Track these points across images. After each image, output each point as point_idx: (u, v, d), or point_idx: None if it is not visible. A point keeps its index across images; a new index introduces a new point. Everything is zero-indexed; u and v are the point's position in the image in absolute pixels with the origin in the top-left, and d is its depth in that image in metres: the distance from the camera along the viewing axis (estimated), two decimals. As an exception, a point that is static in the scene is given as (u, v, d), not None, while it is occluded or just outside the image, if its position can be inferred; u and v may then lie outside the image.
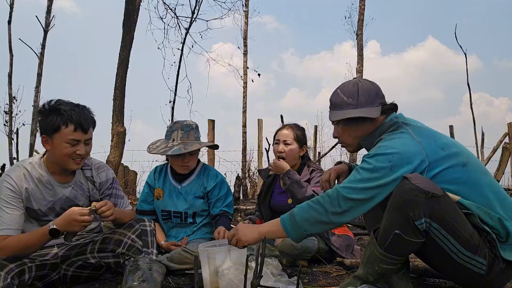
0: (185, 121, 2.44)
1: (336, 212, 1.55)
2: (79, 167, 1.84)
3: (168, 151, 2.29)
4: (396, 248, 1.52)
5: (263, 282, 1.48)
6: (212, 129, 6.86)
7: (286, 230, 1.61)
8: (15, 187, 1.76)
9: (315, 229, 1.60)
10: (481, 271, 1.50)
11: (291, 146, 2.54)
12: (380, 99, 1.72)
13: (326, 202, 1.56)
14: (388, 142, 1.59)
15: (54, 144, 1.74)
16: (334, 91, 1.77)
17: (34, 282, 1.79)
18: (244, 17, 9.48)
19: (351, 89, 1.71)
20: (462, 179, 1.55)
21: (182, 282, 2.03)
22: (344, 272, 2.20)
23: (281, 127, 2.66)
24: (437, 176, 1.53)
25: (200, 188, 2.45)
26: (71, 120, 1.71)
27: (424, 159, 1.53)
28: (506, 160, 6.94)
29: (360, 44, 8.47)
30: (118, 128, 5.60)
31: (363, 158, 1.61)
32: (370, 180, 1.53)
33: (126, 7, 5.79)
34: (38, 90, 6.55)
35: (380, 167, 1.53)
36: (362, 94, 1.69)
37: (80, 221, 1.65)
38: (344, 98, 1.70)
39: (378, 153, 1.56)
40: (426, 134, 1.62)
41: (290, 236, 1.62)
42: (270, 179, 2.67)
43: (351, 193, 1.54)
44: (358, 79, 1.76)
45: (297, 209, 1.62)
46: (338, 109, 1.73)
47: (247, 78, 9.33)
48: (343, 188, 1.56)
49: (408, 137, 1.59)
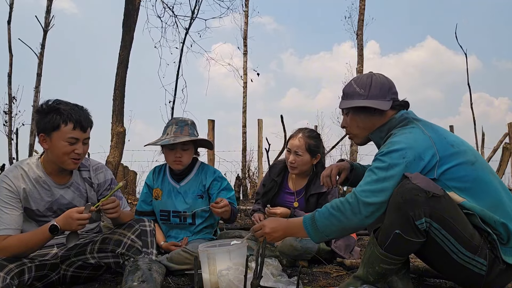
0: (181, 117, 2.47)
1: (358, 219, 1.54)
2: (76, 167, 1.84)
3: (158, 142, 2.34)
4: (397, 248, 1.51)
5: (263, 283, 1.48)
6: (212, 129, 6.86)
7: (309, 233, 1.62)
8: (13, 188, 1.76)
9: (337, 235, 1.62)
10: (481, 271, 1.49)
11: (302, 157, 2.47)
12: (392, 94, 1.71)
13: (347, 210, 1.55)
14: (399, 137, 1.58)
15: (52, 143, 1.75)
16: (348, 82, 1.78)
17: (33, 282, 1.78)
18: (244, 17, 9.49)
19: (364, 80, 1.71)
20: (471, 177, 1.54)
21: (182, 282, 2.03)
22: (344, 272, 2.19)
23: (293, 134, 2.54)
24: (446, 173, 1.53)
25: (199, 186, 2.44)
26: (71, 118, 1.73)
27: (435, 153, 1.53)
28: (507, 160, 6.94)
29: (360, 44, 8.48)
30: (118, 128, 5.59)
31: (376, 157, 1.60)
32: (387, 179, 1.52)
33: (126, 7, 5.78)
34: (37, 90, 6.55)
35: (395, 163, 1.52)
36: (374, 86, 1.69)
37: (76, 219, 1.65)
38: (356, 89, 1.71)
39: (391, 150, 1.55)
40: (437, 130, 1.62)
41: (312, 239, 1.64)
42: (280, 179, 2.64)
43: (370, 196, 1.53)
44: (373, 73, 1.76)
45: (319, 215, 1.60)
46: (348, 99, 1.73)
47: (247, 78, 9.34)
48: (361, 192, 1.54)
49: (419, 132, 1.58)
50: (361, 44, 8.50)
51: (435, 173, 1.53)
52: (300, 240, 2.26)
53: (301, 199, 2.54)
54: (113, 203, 1.77)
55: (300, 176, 2.58)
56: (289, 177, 2.62)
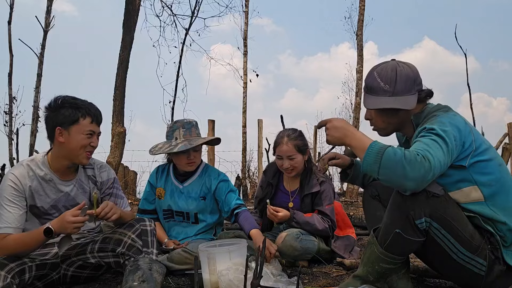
0: (185, 119, 2.45)
1: (417, 178, 1.37)
2: (87, 161, 1.88)
3: (173, 149, 2.28)
4: (397, 247, 1.52)
5: (263, 282, 1.48)
6: (212, 129, 6.87)
7: (365, 159, 1.43)
8: (18, 186, 1.76)
9: (386, 180, 1.42)
10: (480, 271, 1.50)
11: (296, 159, 2.46)
12: (417, 85, 1.64)
13: (419, 170, 1.35)
14: (446, 119, 1.52)
15: (70, 136, 1.78)
16: (371, 73, 1.68)
17: (34, 281, 1.79)
18: (244, 17, 9.49)
19: (389, 74, 1.62)
20: (496, 176, 1.53)
21: (182, 282, 2.03)
22: (344, 272, 2.20)
23: (278, 140, 2.50)
24: (476, 165, 1.51)
25: (202, 188, 2.44)
26: (89, 113, 1.82)
27: (472, 143, 1.51)
28: (506, 160, 6.94)
29: (360, 44, 8.47)
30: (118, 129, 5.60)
31: (425, 132, 1.49)
32: (447, 151, 1.43)
33: (126, 7, 5.79)
34: (38, 91, 6.56)
35: (450, 140, 1.45)
36: (399, 81, 1.61)
37: (71, 222, 1.64)
38: (381, 84, 1.62)
39: (445, 130, 1.46)
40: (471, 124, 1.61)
41: (362, 165, 1.46)
42: (275, 180, 2.66)
43: (440, 171, 1.42)
44: (397, 63, 1.67)
45: (388, 154, 1.38)
46: (373, 94, 1.65)
47: (247, 79, 9.33)
48: (436, 161, 1.38)
49: (463, 120, 1.56)
50: (360, 44, 8.49)
51: (467, 162, 1.50)
52: (300, 240, 2.26)
53: (296, 199, 2.55)
54: (107, 207, 1.74)
55: (293, 176, 2.59)
56: (284, 178, 2.64)
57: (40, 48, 6.55)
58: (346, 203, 6.94)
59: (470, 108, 8.54)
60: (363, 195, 2.02)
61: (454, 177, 1.52)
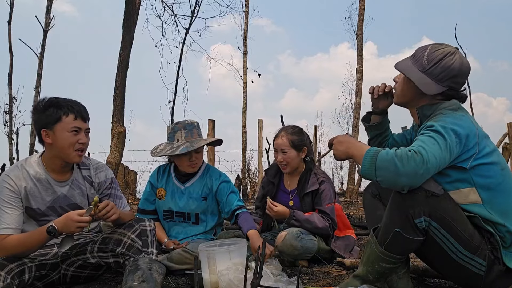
0: (186, 120, 2.44)
1: (409, 172, 1.40)
2: (80, 159, 1.86)
3: (175, 151, 2.26)
4: (396, 246, 1.52)
5: (263, 282, 1.48)
6: (212, 129, 6.87)
7: (363, 164, 1.48)
8: (14, 187, 1.76)
9: (383, 181, 1.45)
10: (480, 271, 1.50)
11: (289, 154, 2.50)
12: (453, 83, 1.62)
13: (410, 164, 1.38)
14: (450, 118, 1.53)
15: (56, 136, 1.77)
16: (427, 45, 1.68)
17: (34, 282, 1.79)
18: (244, 17, 9.49)
19: (436, 55, 1.61)
20: (497, 180, 1.53)
21: (182, 282, 2.03)
22: (344, 272, 2.20)
23: (277, 134, 2.59)
24: (477, 168, 1.51)
25: (204, 188, 2.43)
26: (71, 110, 1.79)
27: (475, 145, 1.51)
28: (506, 160, 6.95)
29: (360, 44, 8.48)
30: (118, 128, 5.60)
31: (424, 130, 1.52)
32: (445, 146, 1.45)
33: (126, 7, 5.79)
34: (38, 90, 6.56)
35: (449, 135, 1.46)
36: (439, 66, 1.60)
37: (76, 221, 1.65)
38: (424, 58, 1.63)
39: (445, 126, 1.48)
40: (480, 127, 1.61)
41: (361, 170, 1.50)
42: (276, 179, 2.66)
43: (436, 166, 1.44)
44: (454, 53, 1.63)
45: (381, 155, 1.44)
46: (412, 60, 1.67)
47: (247, 79, 9.33)
48: (430, 156, 1.41)
49: (469, 121, 1.55)
50: (360, 44, 8.50)
51: (468, 164, 1.50)
52: (300, 239, 2.26)
53: (296, 198, 2.55)
54: (107, 207, 1.74)
55: (293, 175, 2.60)
56: (284, 177, 2.65)
57: (40, 48, 6.55)
58: (346, 203, 6.94)
59: (470, 108, 8.54)
60: (363, 194, 2.02)
61: (454, 177, 1.52)
